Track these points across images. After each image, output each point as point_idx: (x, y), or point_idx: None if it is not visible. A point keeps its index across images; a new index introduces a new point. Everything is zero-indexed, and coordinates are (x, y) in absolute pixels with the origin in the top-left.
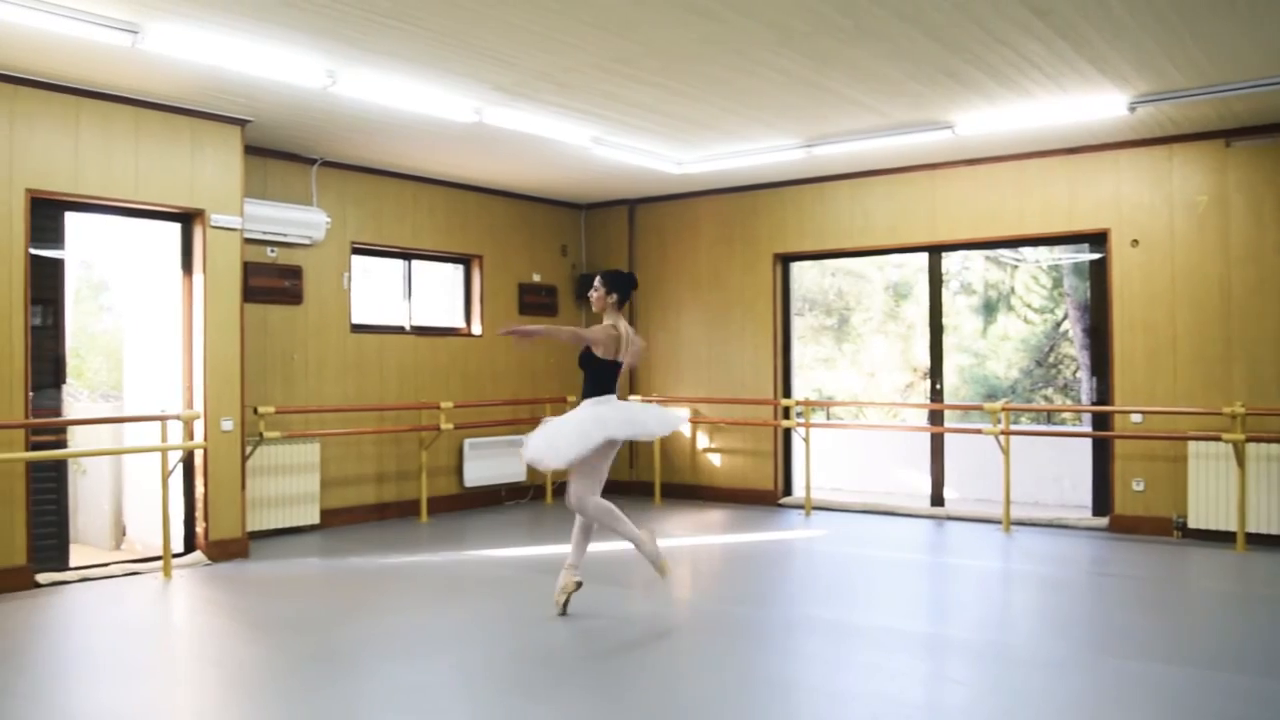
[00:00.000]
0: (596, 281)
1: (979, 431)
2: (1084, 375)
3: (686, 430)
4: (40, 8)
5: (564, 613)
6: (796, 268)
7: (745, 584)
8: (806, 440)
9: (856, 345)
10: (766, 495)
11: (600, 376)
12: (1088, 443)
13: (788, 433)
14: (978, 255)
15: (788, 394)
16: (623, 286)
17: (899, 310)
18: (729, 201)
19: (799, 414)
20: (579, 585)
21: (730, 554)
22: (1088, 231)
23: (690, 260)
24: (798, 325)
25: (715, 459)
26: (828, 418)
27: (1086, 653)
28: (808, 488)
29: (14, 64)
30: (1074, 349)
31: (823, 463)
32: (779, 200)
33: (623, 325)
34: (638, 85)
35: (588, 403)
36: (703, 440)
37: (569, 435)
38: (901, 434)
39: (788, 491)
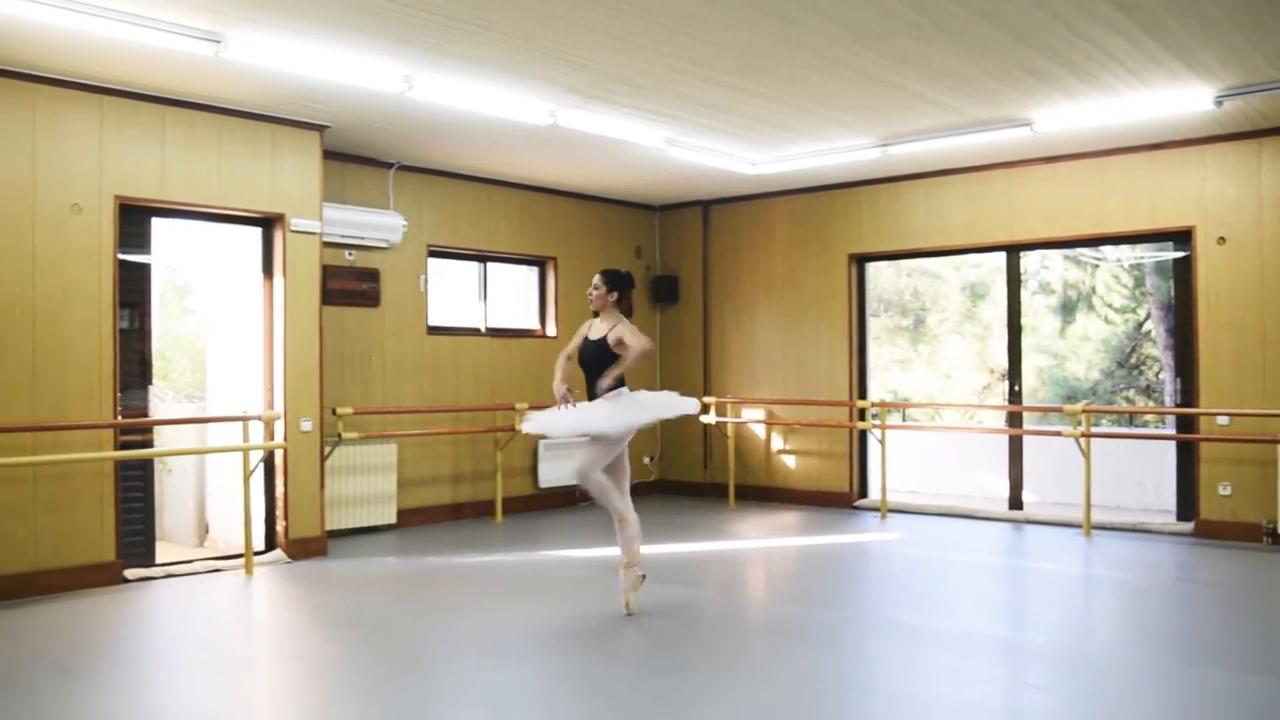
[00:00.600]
0: (597, 279)
1: (1058, 434)
2: (1167, 376)
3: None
4: (128, 20)
5: (631, 612)
6: (872, 268)
7: (820, 586)
8: (882, 442)
9: (932, 346)
10: (841, 497)
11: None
12: (1171, 446)
13: (863, 435)
14: (1057, 254)
15: (863, 395)
16: (622, 285)
17: (976, 311)
18: (804, 202)
19: (874, 416)
20: (643, 579)
21: (805, 556)
22: (1171, 229)
23: (764, 261)
24: (873, 326)
25: (790, 461)
26: (904, 419)
27: (1170, 661)
28: (883, 490)
29: (103, 75)
30: (1157, 349)
31: (898, 465)
32: (854, 200)
33: (624, 322)
34: (712, 86)
35: (624, 392)
36: (777, 442)
37: (614, 416)
38: (979, 436)
39: (863, 494)
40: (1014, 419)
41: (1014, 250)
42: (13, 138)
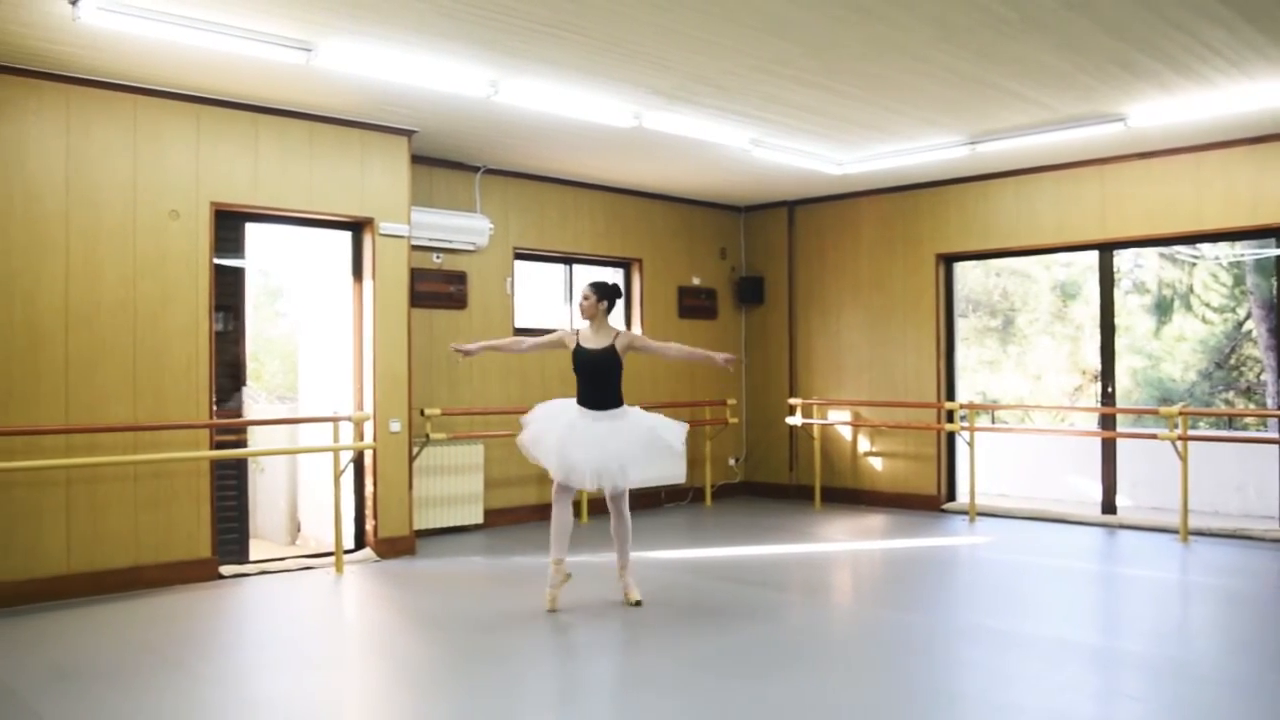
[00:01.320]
0: (587, 290)
1: (1154, 437)
2: (1270, 378)
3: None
4: (225, 32)
5: (639, 603)
6: (960, 268)
7: (907, 590)
8: (971, 444)
9: (1022, 347)
10: (929, 500)
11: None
12: (1274, 449)
13: (951, 437)
14: (1151, 252)
15: (951, 397)
16: (612, 296)
17: (1067, 311)
18: (890, 201)
19: (963, 417)
20: (568, 577)
21: (891, 559)
22: (1273, 225)
23: (851, 261)
24: (961, 327)
25: (876, 463)
26: (993, 421)
27: (1272, 672)
28: (972, 493)
29: (200, 85)
30: (1258, 350)
31: (987, 468)
32: (941, 199)
33: (624, 330)
34: (797, 86)
35: (629, 411)
36: (864, 444)
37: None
38: (1071, 439)
39: (951, 497)
40: (1107, 421)
41: (1107, 249)
42: (116, 147)
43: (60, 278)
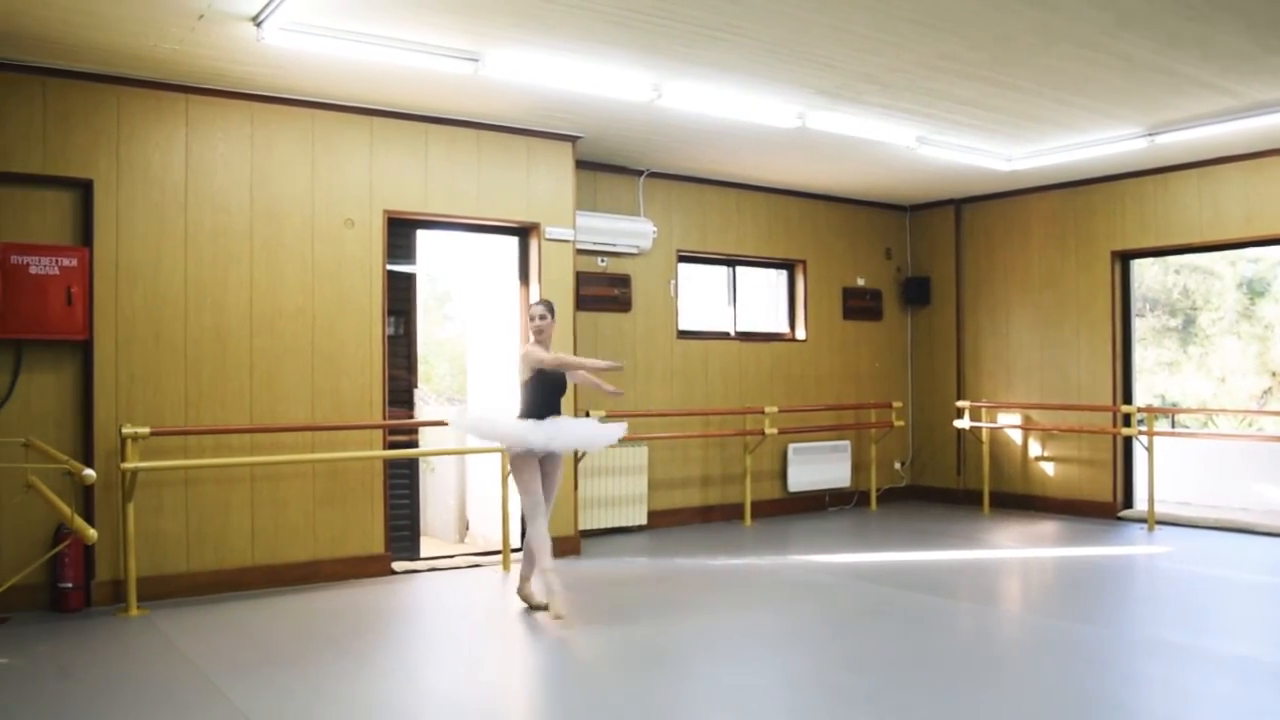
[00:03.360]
0: (543, 309)
1: None
2: None
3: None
4: (396, 46)
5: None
6: (1136, 265)
7: (1081, 600)
8: (1150, 449)
9: (1204, 348)
10: (1104, 507)
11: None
12: None
13: (1128, 441)
14: None
15: (1128, 400)
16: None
17: (1254, 309)
18: (1062, 197)
19: (1140, 421)
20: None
21: (1064, 568)
22: None
23: (1020, 260)
24: (1138, 327)
25: (1048, 468)
26: (1172, 426)
27: None
28: (1150, 500)
29: (373, 98)
30: None
31: (1167, 474)
32: (1117, 194)
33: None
34: (964, 81)
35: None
36: (1035, 448)
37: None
38: (1260, 444)
39: (1128, 504)
40: None
41: None
42: (295, 160)
43: (245, 286)
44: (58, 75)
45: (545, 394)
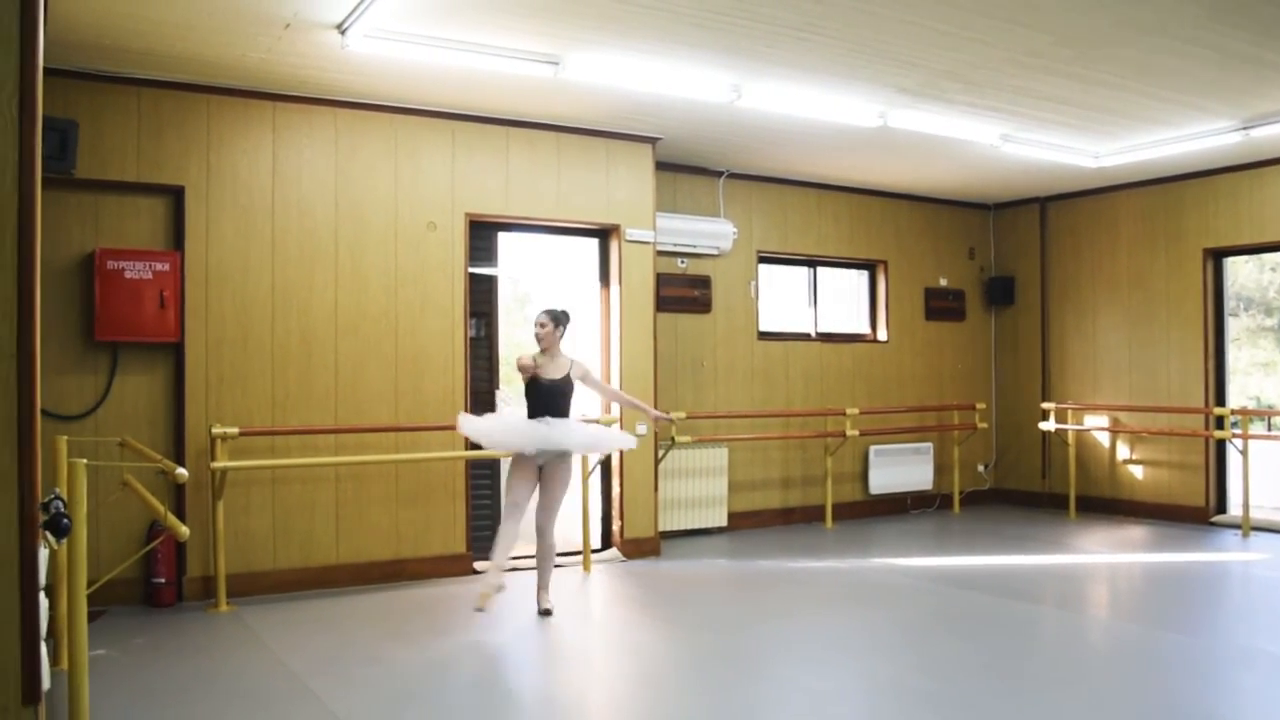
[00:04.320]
0: (544, 318)
1: None
2: None
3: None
4: (477, 51)
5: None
6: (1230, 263)
7: (1171, 607)
8: (1244, 453)
9: None
10: (1195, 512)
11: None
12: None
13: (1221, 445)
14: None
15: (1221, 402)
16: (565, 323)
17: None
18: (1151, 194)
19: (1234, 424)
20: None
21: (1154, 574)
22: None
23: (1108, 259)
24: (1232, 327)
25: (1137, 471)
26: (1269, 428)
27: None
28: (1245, 506)
29: (454, 102)
30: None
31: (1263, 479)
32: (1209, 190)
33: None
34: (1049, 77)
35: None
36: (1123, 451)
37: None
38: None
39: (1221, 509)
40: None
41: None
42: (378, 164)
43: (330, 288)
44: (151, 86)
45: (539, 400)
